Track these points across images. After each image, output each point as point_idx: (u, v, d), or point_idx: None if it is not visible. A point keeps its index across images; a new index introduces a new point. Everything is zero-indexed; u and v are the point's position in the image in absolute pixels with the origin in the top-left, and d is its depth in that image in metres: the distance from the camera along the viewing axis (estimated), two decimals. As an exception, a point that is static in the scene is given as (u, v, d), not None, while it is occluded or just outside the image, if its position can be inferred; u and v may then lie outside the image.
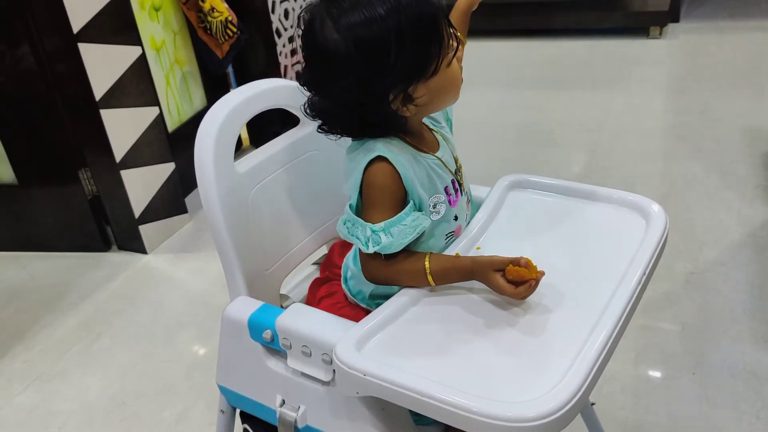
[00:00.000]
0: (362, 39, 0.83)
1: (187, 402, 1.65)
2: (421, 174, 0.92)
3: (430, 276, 0.89)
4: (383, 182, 0.89)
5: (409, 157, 0.91)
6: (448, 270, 0.89)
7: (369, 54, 0.84)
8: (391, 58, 0.84)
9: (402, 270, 0.90)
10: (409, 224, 0.89)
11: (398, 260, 0.90)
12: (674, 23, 4.13)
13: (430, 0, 0.85)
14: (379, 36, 0.83)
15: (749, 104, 2.94)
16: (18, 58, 2.04)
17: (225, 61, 2.69)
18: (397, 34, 0.83)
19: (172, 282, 2.17)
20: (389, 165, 0.89)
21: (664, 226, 0.94)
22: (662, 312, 1.75)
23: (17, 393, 1.74)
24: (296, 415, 0.93)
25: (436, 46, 0.86)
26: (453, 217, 0.97)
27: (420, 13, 0.84)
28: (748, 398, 1.47)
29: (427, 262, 0.89)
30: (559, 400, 0.69)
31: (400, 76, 0.86)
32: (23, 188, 2.29)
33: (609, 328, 0.77)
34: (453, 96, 0.93)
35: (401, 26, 0.83)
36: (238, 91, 1.03)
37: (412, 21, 0.83)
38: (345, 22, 0.84)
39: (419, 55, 0.85)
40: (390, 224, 0.88)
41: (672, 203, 2.23)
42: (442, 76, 0.88)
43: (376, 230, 0.88)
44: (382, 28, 0.83)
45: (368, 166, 0.90)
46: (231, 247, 0.99)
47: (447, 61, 0.88)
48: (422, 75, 0.87)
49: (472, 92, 3.42)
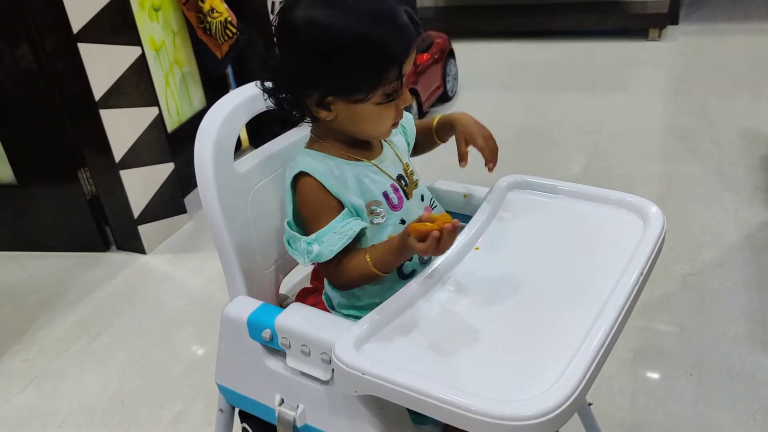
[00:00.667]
0: (314, 26, 0.85)
1: (185, 401, 1.65)
2: (350, 180, 0.94)
3: (374, 267, 0.91)
4: (310, 196, 0.93)
5: (332, 165, 0.94)
6: (385, 255, 0.91)
7: (311, 44, 0.85)
8: (323, 60, 0.85)
9: (351, 269, 0.93)
10: (338, 231, 0.91)
11: (344, 263, 0.93)
12: (673, 25, 4.15)
13: (395, 44, 0.86)
14: (328, 33, 0.84)
15: (748, 106, 2.95)
16: (18, 58, 2.05)
17: (224, 61, 2.70)
18: (343, 43, 0.84)
19: (171, 282, 2.17)
20: (311, 178, 0.92)
21: (661, 226, 0.95)
22: (660, 313, 1.76)
23: (16, 392, 1.75)
24: (295, 414, 0.93)
25: (371, 81, 0.87)
26: (399, 221, 0.98)
27: (377, 45, 0.85)
28: (745, 399, 1.48)
29: (367, 256, 0.92)
30: (556, 399, 0.69)
31: (323, 82, 0.88)
32: (22, 188, 2.29)
33: (606, 328, 0.78)
34: (371, 133, 0.95)
35: (351, 41, 0.84)
36: (237, 91, 1.03)
37: (363, 44, 0.84)
38: (314, 4, 0.85)
39: (348, 76, 0.87)
40: (321, 234, 0.91)
41: (670, 204, 2.24)
42: (366, 110, 0.90)
43: (309, 242, 0.92)
44: (336, 29, 0.84)
45: (295, 184, 0.94)
46: (230, 246, 0.99)
47: (377, 102, 0.89)
48: (344, 94, 0.89)
49: (472, 93, 3.44)
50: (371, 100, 0.89)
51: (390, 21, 0.86)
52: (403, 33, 0.86)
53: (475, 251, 0.97)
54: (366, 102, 0.89)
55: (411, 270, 0.99)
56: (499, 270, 0.94)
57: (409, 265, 0.98)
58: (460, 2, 4.66)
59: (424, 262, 0.99)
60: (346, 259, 0.93)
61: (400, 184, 0.99)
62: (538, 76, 3.66)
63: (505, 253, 0.97)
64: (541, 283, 0.90)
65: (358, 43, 0.84)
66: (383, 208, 0.96)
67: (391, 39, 0.85)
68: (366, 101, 0.89)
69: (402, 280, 0.98)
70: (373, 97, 0.88)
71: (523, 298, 0.87)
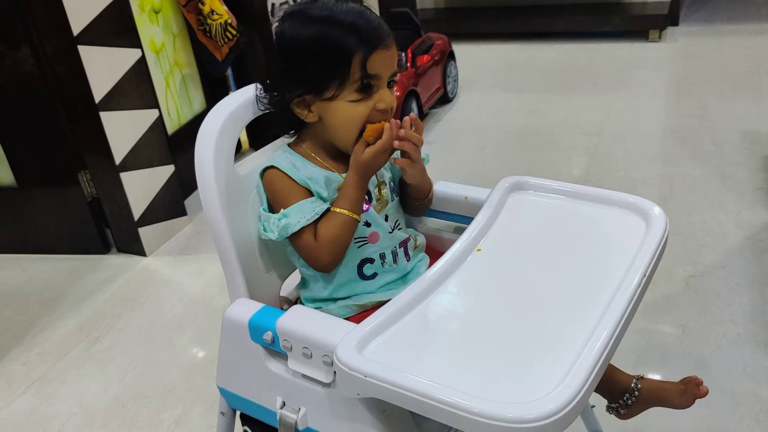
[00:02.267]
0: (282, 36, 0.95)
1: (186, 404, 1.65)
2: (318, 178, 0.99)
3: (347, 212, 0.97)
4: (278, 184, 0.99)
5: (300, 165, 1.00)
6: (346, 194, 0.97)
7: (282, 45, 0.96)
8: (294, 60, 0.95)
9: (328, 231, 0.97)
10: (306, 207, 0.97)
11: (320, 231, 0.97)
12: (673, 26, 4.15)
13: (352, 37, 0.92)
14: (293, 40, 0.94)
15: (748, 107, 2.95)
16: (18, 61, 2.04)
17: (224, 63, 2.69)
18: (309, 42, 0.93)
19: (171, 284, 2.16)
20: (277, 170, 0.99)
21: (664, 228, 0.94)
22: (662, 315, 1.76)
23: (16, 395, 1.74)
24: (297, 417, 0.93)
25: (338, 76, 0.93)
26: (364, 223, 1.02)
27: (335, 40, 0.92)
28: (747, 401, 1.48)
29: (336, 208, 0.97)
30: (560, 402, 0.69)
31: (297, 81, 0.95)
32: (23, 190, 2.29)
33: (609, 330, 0.77)
34: (345, 132, 0.98)
35: (314, 41, 0.93)
36: (237, 93, 1.03)
37: (327, 40, 0.93)
38: (284, 17, 0.96)
39: (318, 72, 0.94)
40: (290, 210, 0.97)
41: (672, 206, 2.24)
42: (339, 107, 0.95)
43: (279, 217, 0.97)
44: (299, 35, 0.94)
45: (262, 178, 1.00)
46: (231, 249, 0.99)
47: (349, 98, 0.95)
48: (317, 91, 0.95)
49: (472, 95, 3.44)
50: (341, 96, 0.94)
51: (346, 22, 0.93)
52: (362, 30, 0.93)
53: (477, 253, 0.97)
54: (337, 99, 0.94)
55: (372, 272, 1.03)
56: (502, 272, 0.94)
57: (370, 268, 1.03)
58: (460, 4, 4.66)
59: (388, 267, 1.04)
60: (321, 224, 0.97)
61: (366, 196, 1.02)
62: (538, 77, 3.66)
63: (507, 255, 0.96)
64: (544, 284, 0.89)
65: (316, 43, 0.93)
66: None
67: (349, 35, 0.92)
68: (337, 98, 0.94)
69: (363, 281, 1.03)
70: (342, 93, 0.94)
71: (526, 300, 0.87)
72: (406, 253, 1.07)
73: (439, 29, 3.48)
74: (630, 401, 1.08)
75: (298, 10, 0.96)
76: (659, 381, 1.11)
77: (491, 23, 4.35)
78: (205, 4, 2.52)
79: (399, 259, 1.05)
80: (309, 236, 0.97)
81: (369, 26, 0.94)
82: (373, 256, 1.03)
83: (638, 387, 1.08)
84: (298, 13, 0.95)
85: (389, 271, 1.04)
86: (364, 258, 1.03)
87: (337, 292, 1.04)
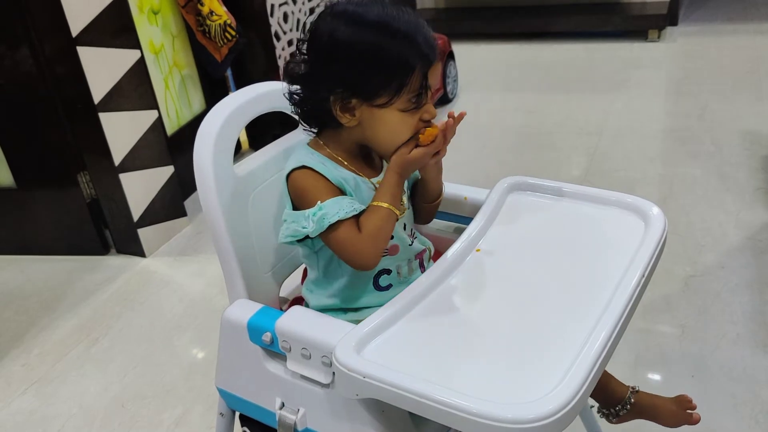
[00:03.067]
0: (339, 29, 0.89)
1: (186, 405, 1.65)
2: (348, 180, 0.95)
3: (389, 206, 0.92)
4: (309, 182, 0.93)
5: (330, 167, 0.95)
6: (388, 190, 0.93)
7: (334, 45, 0.90)
8: (348, 60, 0.89)
9: (373, 222, 0.92)
10: (344, 203, 0.91)
11: (364, 221, 0.92)
12: (672, 26, 4.15)
13: (417, 50, 0.89)
14: (351, 34, 0.89)
15: (748, 107, 2.95)
16: (17, 62, 2.04)
17: (224, 64, 2.69)
18: (371, 44, 0.88)
19: (170, 285, 2.16)
20: (310, 169, 0.94)
21: (663, 228, 0.94)
22: (661, 315, 1.75)
23: (16, 396, 1.74)
24: (296, 417, 0.93)
25: (395, 83, 0.89)
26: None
27: (400, 49, 0.88)
28: (747, 401, 1.47)
29: (379, 202, 0.92)
30: (559, 402, 0.69)
31: (346, 82, 0.90)
32: (22, 191, 2.28)
33: (608, 330, 0.77)
34: (389, 141, 0.94)
35: (376, 47, 0.88)
36: (236, 94, 1.03)
37: (387, 49, 0.88)
38: (338, 10, 0.90)
39: (372, 76, 0.89)
40: (326, 204, 0.91)
41: (671, 206, 2.24)
42: (389, 116, 0.91)
43: (314, 211, 0.91)
44: (360, 31, 0.89)
45: (290, 177, 0.95)
46: (231, 249, 0.99)
47: (400, 107, 0.91)
48: (366, 95, 0.90)
49: (472, 95, 3.44)
50: (394, 105, 0.90)
51: (410, 31, 0.89)
52: (423, 43, 0.90)
53: (476, 253, 0.97)
54: (389, 107, 0.90)
55: (387, 284, 1.01)
56: (501, 272, 0.94)
57: (386, 279, 1.00)
58: (460, 4, 4.66)
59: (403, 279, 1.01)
60: (363, 218, 0.92)
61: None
62: (537, 77, 3.66)
63: (506, 255, 0.96)
64: (543, 285, 0.90)
65: (379, 45, 0.88)
66: None
67: (411, 46, 0.89)
68: (389, 106, 0.90)
69: (378, 291, 1.00)
70: (396, 101, 0.90)
71: (525, 301, 0.87)
72: (421, 265, 1.04)
73: (438, 29, 3.45)
74: (622, 412, 1.08)
75: (354, 11, 0.90)
76: (653, 396, 1.10)
77: (491, 23, 4.35)
78: (204, 4, 2.52)
79: (414, 271, 1.03)
80: (350, 229, 0.91)
81: (429, 37, 0.91)
82: (390, 267, 1.00)
83: (631, 400, 1.08)
84: (354, 14, 0.90)
85: (404, 283, 0.99)
86: (381, 268, 1.00)
87: (349, 301, 1.00)
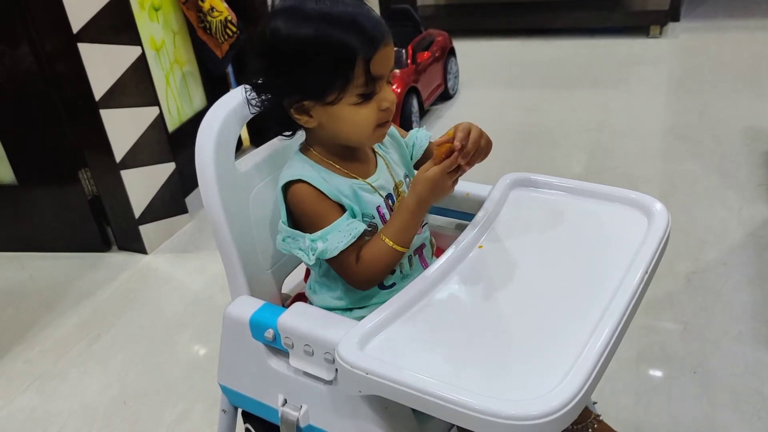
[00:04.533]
0: (276, 34, 0.87)
1: (187, 402, 1.65)
2: (345, 190, 0.95)
3: (396, 246, 0.92)
4: (308, 200, 0.93)
5: (325, 176, 0.94)
6: (399, 222, 0.93)
7: (276, 51, 0.88)
8: (291, 62, 0.87)
9: (372, 257, 0.93)
10: (344, 229, 0.91)
11: (364, 256, 0.93)
12: (674, 22, 4.14)
13: (355, 40, 0.86)
14: (289, 40, 0.86)
15: (750, 104, 2.94)
16: (18, 59, 2.04)
17: (225, 60, 2.69)
18: (305, 47, 0.86)
19: (172, 282, 2.16)
20: (306, 184, 0.93)
21: (666, 224, 0.94)
22: (663, 312, 1.75)
23: (17, 394, 1.74)
24: (298, 414, 0.93)
25: (340, 79, 0.87)
26: None
27: (337, 44, 0.86)
28: (749, 398, 1.47)
29: (384, 237, 0.92)
30: (562, 399, 0.68)
31: (295, 86, 0.89)
32: (23, 188, 2.28)
33: (611, 327, 0.77)
34: (354, 136, 0.94)
35: (313, 43, 0.86)
36: (238, 90, 1.02)
37: (324, 45, 0.86)
38: (277, 14, 0.88)
39: (318, 77, 0.87)
40: (325, 232, 0.91)
41: (673, 203, 2.23)
42: (343, 111, 0.90)
43: (314, 239, 0.91)
44: (296, 34, 0.86)
45: (290, 190, 0.94)
46: (232, 246, 0.98)
47: (351, 102, 0.89)
48: (317, 97, 0.89)
49: (473, 91, 3.43)
50: (344, 100, 0.89)
51: (351, 21, 0.86)
52: (365, 31, 0.86)
53: (478, 249, 0.97)
54: (339, 103, 0.89)
55: (391, 282, 1.00)
56: (503, 268, 0.93)
57: (391, 278, 1.00)
58: (460, 0, 4.65)
59: (405, 276, 1.01)
60: (365, 250, 0.93)
61: (387, 203, 1.00)
62: (539, 74, 3.65)
63: (508, 252, 0.96)
64: (546, 281, 0.89)
65: (315, 45, 0.86)
66: (376, 221, 0.97)
67: (352, 38, 0.86)
68: (339, 102, 0.89)
69: (382, 290, 1.00)
70: (344, 96, 0.89)
71: (528, 297, 0.87)
72: (422, 260, 1.04)
73: (439, 26, 3.47)
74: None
75: (292, 6, 0.88)
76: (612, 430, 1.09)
77: (492, 19, 4.34)
78: (205, 1, 2.52)
79: (414, 266, 1.02)
80: (349, 258, 0.92)
81: (370, 24, 0.87)
82: (395, 266, 0.99)
83: (594, 425, 1.07)
84: (293, 9, 0.87)
85: (406, 278, 1.00)
86: None
87: (354, 301, 1.00)
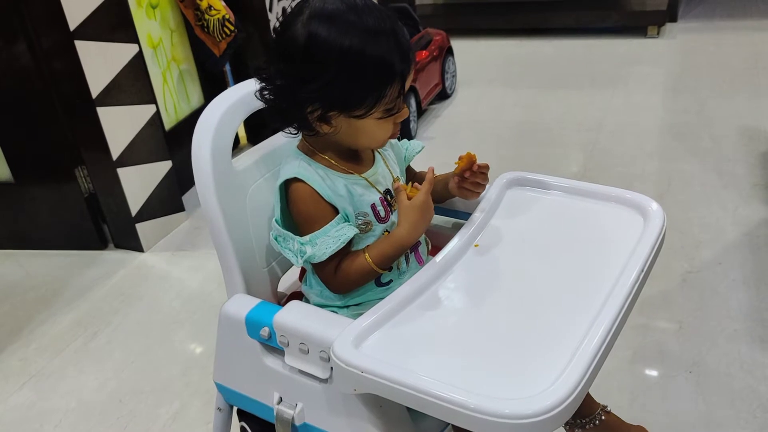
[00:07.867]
0: (316, 40, 0.85)
1: (183, 400, 1.65)
2: (341, 188, 0.96)
3: (375, 266, 0.95)
4: (304, 201, 0.95)
5: (323, 174, 0.95)
6: (386, 250, 0.95)
7: (311, 57, 0.86)
8: (326, 75, 0.86)
9: (350, 271, 0.96)
10: (332, 235, 0.93)
11: (344, 266, 0.96)
12: (672, 23, 4.15)
13: (398, 61, 0.87)
14: (330, 48, 0.85)
15: (746, 103, 2.95)
16: (14, 56, 2.04)
17: (222, 59, 2.68)
18: (346, 59, 0.85)
19: (169, 280, 2.16)
20: (304, 184, 0.94)
21: (662, 223, 0.94)
22: (659, 311, 1.76)
23: (13, 391, 1.74)
24: (294, 412, 0.93)
25: (372, 97, 0.88)
26: (384, 233, 1.00)
27: (379, 60, 0.86)
28: (745, 397, 1.48)
29: (367, 256, 0.95)
30: (557, 397, 0.69)
31: (325, 97, 0.88)
32: (19, 186, 2.28)
33: (606, 326, 0.77)
34: (366, 145, 0.98)
35: (354, 57, 0.85)
36: (235, 88, 1.03)
37: (366, 60, 0.85)
38: (315, 18, 0.86)
39: (351, 92, 0.87)
40: (315, 237, 0.93)
41: (669, 202, 2.24)
42: (367, 125, 0.91)
43: (303, 242, 0.94)
44: (339, 44, 0.84)
45: (287, 188, 0.96)
46: (229, 244, 0.98)
47: (377, 117, 0.90)
48: (345, 109, 0.89)
49: (471, 91, 3.44)
50: (372, 115, 0.90)
51: (392, 39, 0.87)
52: (404, 51, 0.88)
53: (474, 248, 0.97)
54: (367, 117, 0.90)
55: (388, 279, 1.01)
56: (499, 267, 0.94)
57: (387, 275, 1.00)
58: (458, -1, 4.66)
59: (402, 273, 1.01)
60: (346, 262, 0.96)
61: (386, 198, 1.01)
62: (536, 73, 3.65)
63: (504, 251, 0.96)
64: (541, 280, 0.89)
65: (359, 58, 0.85)
66: (370, 218, 0.98)
67: (394, 57, 0.87)
68: (367, 116, 0.90)
69: (378, 287, 1.01)
70: (374, 112, 0.90)
71: (523, 296, 0.87)
72: (418, 258, 1.04)
73: (437, 25, 3.47)
74: (589, 426, 1.07)
75: (332, 13, 0.85)
76: (621, 420, 1.09)
77: (490, 19, 4.35)
78: (203, -1, 2.52)
79: (410, 263, 1.03)
80: (330, 266, 0.95)
81: (406, 42, 0.88)
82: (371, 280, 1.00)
83: (602, 417, 1.07)
84: (332, 16, 0.85)
85: (403, 275, 1.01)
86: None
87: (350, 299, 1.01)
